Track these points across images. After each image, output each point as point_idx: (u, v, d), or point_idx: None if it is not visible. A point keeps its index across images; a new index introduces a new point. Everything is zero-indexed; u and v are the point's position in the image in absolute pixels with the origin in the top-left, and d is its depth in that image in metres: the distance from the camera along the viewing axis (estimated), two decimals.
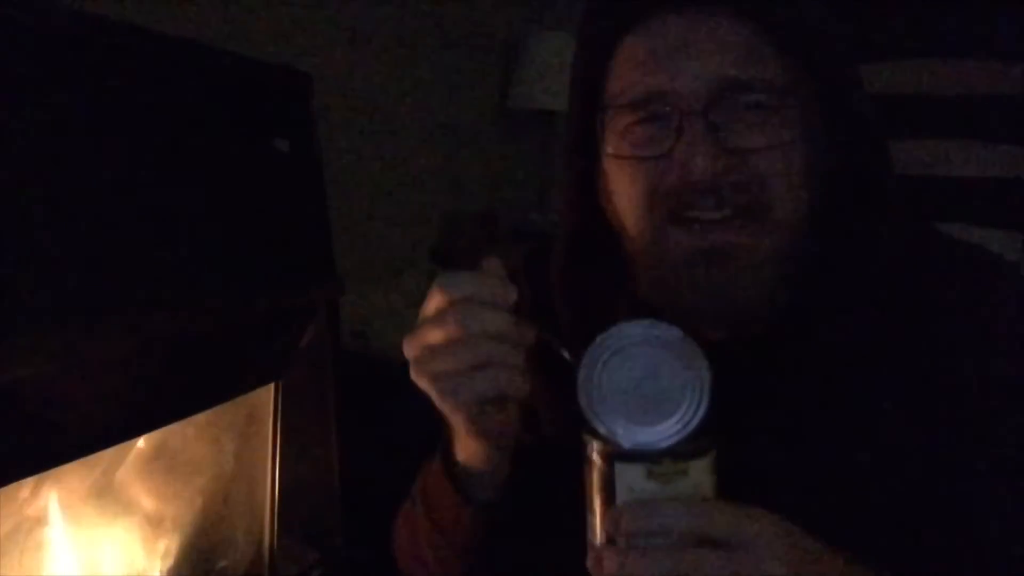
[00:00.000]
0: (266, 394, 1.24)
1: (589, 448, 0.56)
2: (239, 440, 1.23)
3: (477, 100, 2.46)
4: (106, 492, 1.06)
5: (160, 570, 1.13)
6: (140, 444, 1.09)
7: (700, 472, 0.55)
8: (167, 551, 1.14)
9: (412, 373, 0.62)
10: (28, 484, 0.92)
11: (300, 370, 1.26)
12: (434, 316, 0.60)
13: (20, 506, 0.93)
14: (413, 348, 0.61)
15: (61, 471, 0.95)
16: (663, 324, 0.56)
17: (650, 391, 0.55)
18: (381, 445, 1.31)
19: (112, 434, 0.96)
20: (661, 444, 0.54)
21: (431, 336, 0.60)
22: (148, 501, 1.12)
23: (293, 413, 1.27)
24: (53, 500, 0.98)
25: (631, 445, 0.55)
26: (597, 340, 0.56)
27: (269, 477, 1.27)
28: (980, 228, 1.58)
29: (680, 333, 0.56)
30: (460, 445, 0.69)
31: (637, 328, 0.56)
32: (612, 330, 0.56)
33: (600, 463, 0.55)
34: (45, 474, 0.93)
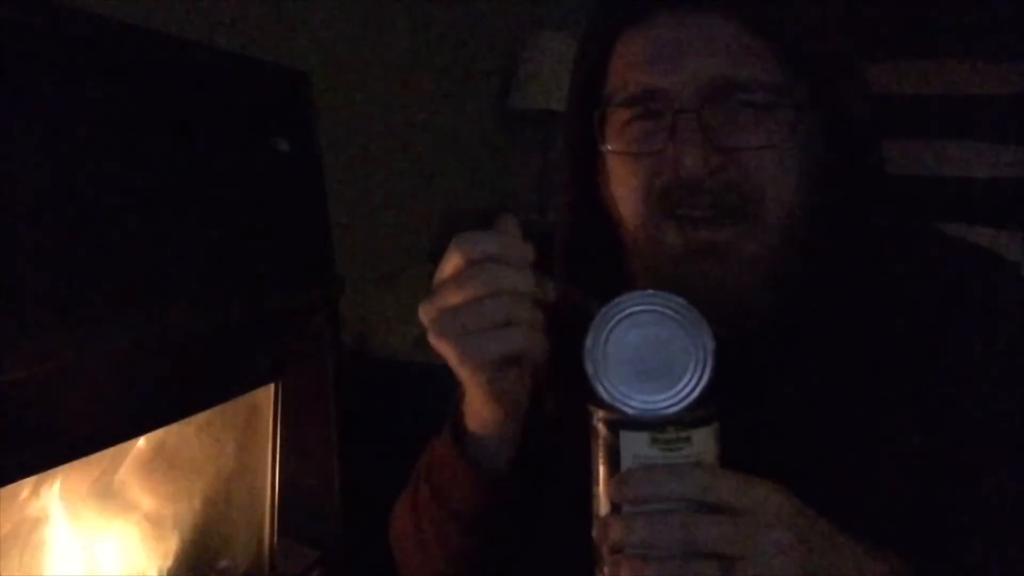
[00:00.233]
0: (266, 394, 1.24)
1: (595, 418, 0.56)
2: (239, 440, 1.23)
3: (477, 100, 2.46)
4: (106, 492, 1.06)
5: (160, 570, 1.13)
6: (140, 444, 1.09)
7: (704, 440, 0.54)
8: (167, 551, 1.14)
9: (431, 336, 0.60)
10: (28, 484, 0.92)
11: (300, 370, 1.26)
12: (453, 276, 0.59)
13: (20, 506, 0.93)
14: (431, 311, 0.60)
15: (61, 471, 0.95)
16: (667, 294, 0.56)
17: (654, 360, 0.55)
18: (381, 445, 1.31)
19: (112, 434, 0.96)
20: (665, 411, 0.54)
21: (450, 297, 0.59)
22: (148, 501, 1.12)
23: (293, 413, 1.27)
24: (53, 500, 0.98)
25: (635, 412, 0.55)
26: (602, 310, 0.56)
27: (269, 477, 1.27)
28: (980, 228, 1.58)
29: (683, 301, 0.56)
30: (473, 411, 0.68)
31: (642, 298, 0.56)
32: (617, 300, 0.57)
33: (605, 431, 0.55)
34: (45, 474, 0.93)
